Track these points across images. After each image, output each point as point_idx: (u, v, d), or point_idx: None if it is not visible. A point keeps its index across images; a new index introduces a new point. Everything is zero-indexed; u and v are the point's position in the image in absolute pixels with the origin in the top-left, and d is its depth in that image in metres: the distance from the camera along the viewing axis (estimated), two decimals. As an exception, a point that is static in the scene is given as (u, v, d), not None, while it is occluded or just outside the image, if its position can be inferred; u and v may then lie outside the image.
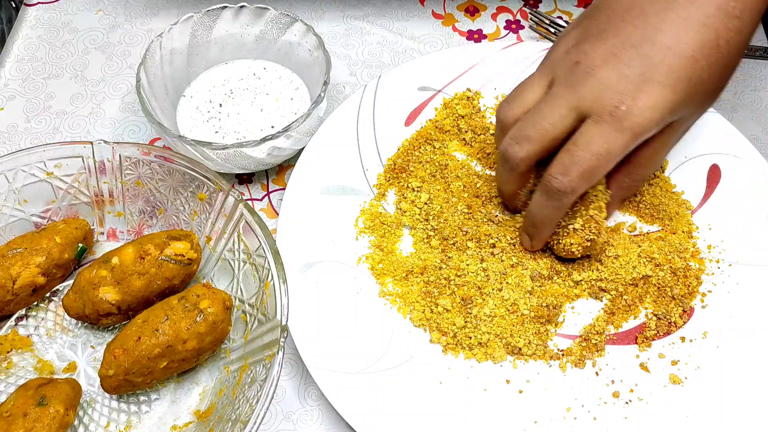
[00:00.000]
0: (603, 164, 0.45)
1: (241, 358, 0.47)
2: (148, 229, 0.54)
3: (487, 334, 0.49)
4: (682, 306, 0.50)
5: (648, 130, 0.44)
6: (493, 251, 0.52)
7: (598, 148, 0.44)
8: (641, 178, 0.51)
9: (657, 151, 0.48)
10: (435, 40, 0.68)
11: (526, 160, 0.47)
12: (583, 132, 0.45)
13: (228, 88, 0.61)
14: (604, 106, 0.44)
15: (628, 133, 0.44)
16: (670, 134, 0.47)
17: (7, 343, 0.50)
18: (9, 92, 0.65)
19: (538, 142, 0.46)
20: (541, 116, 0.46)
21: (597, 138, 0.44)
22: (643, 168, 0.50)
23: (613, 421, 0.47)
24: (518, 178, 0.50)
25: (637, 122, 0.44)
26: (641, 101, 0.43)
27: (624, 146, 0.44)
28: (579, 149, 0.45)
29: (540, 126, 0.46)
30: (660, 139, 0.47)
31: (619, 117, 0.43)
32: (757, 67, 0.65)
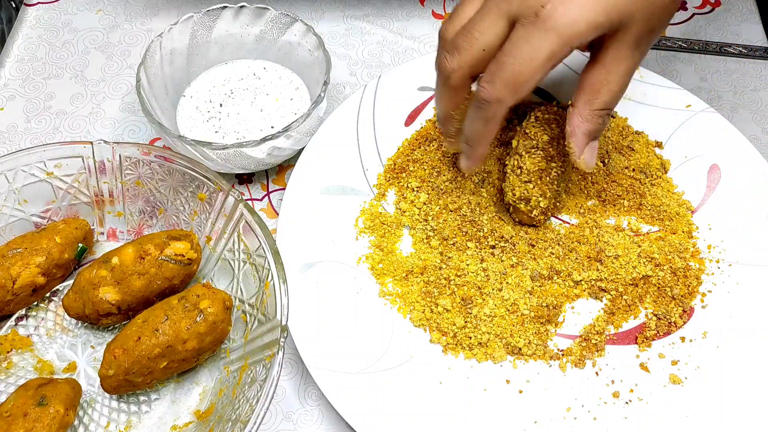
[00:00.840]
0: (529, 71, 0.42)
1: (241, 358, 0.47)
2: (148, 229, 0.54)
3: (487, 334, 0.49)
4: (682, 306, 0.50)
5: (577, 33, 0.41)
6: (493, 251, 0.52)
7: (522, 52, 0.42)
8: (602, 106, 0.45)
9: (609, 69, 0.44)
10: (435, 40, 0.68)
11: (458, 71, 0.45)
12: (511, 38, 0.42)
13: (228, 88, 0.61)
14: (529, 7, 0.41)
15: (553, 35, 0.41)
16: (617, 47, 0.44)
17: (7, 343, 0.50)
18: (9, 92, 0.65)
19: (467, 52, 0.44)
20: (471, 25, 0.44)
21: (521, 41, 0.42)
22: (600, 94, 0.45)
23: (613, 421, 0.47)
24: (452, 93, 0.47)
25: (561, 22, 0.41)
26: (568, 1, 0.41)
27: (550, 50, 0.41)
28: (503, 55, 0.42)
29: (468, 35, 0.44)
30: (608, 54, 0.44)
31: (543, 17, 0.41)
32: (757, 67, 0.65)
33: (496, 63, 0.43)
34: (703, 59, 0.65)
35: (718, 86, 0.64)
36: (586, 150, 0.47)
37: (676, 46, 0.66)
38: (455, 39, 0.45)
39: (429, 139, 0.58)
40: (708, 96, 0.63)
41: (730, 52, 0.65)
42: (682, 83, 0.61)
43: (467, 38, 0.44)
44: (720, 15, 0.68)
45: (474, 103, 0.45)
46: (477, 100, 0.44)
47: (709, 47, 0.66)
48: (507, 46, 0.43)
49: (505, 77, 0.43)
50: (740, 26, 0.67)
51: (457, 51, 0.45)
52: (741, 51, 0.64)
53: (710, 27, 0.67)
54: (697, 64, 0.65)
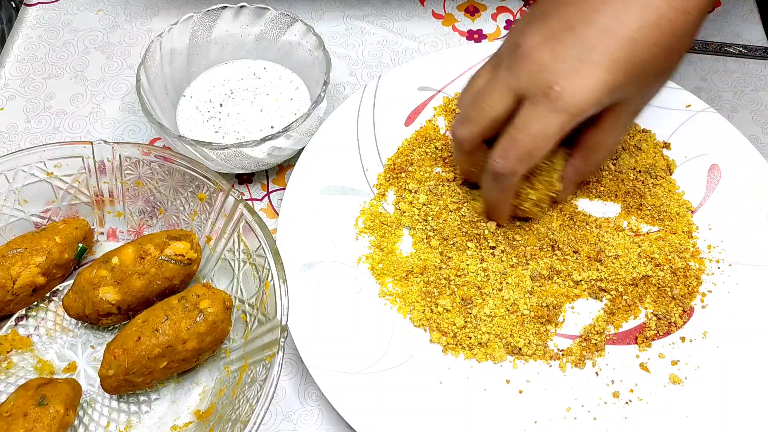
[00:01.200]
0: (539, 145, 0.45)
1: (241, 358, 0.47)
2: (148, 229, 0.54)
3: (487, 334, 0.49)
4: (682, 306, 0.50)
5: (583, 111, 0.44)
6: (493, 251, 0.52)
7: (534, 130, 0.44)
8: (596, 162, 0.51)
9: (607, 135, 0.48)
10: (435, 40, 0.68)
11: (469, 140, 0.48)
12: (520, 114, 0.45)
13: (228, 88, 0.61)
14: (539, 87, 0.44)
15: (563, 114, 0.44)
16: (616, 116, 0.47)
17: (7, 343, 0.50)
18: (9, 92, 0.65)
19: (477, 123, 0.47)
20: (481, 97, 0.47)
21: (532, 119, 0.44)
22: (597, 153, 0.50)
23: (613, 421, 0.47)
24: (467, 157, 0.51)
25: (570, 103, 0.43)
26: (576, 82, 0.43)
27: (559, 127, 0.44)
28: (515, 131, 0.45)
29: (479, 108, 0.47)
30: (607, 122, 0.47)
31: (552, 98, 0.43)
32: (757, 67, 0.65)
33: (509, 139, 0.45)
34: (703, 59, 0.65)
35: (718, 86, 0.64)
36: (569, 190, 0.53)
37: (676, 46, 0.65)
38: (467, 110, 0.48)
39: (429, 139, 0.58)
40: (708, 96, 0.63)
41: (730, 52, 0.65)
42: (682, 83, 0.61)
43: (477, 111, 0.47)
44: (720, 15, 0.68)
45: (489, 174, 0.48)
46: (492, 173, 0.47)
47: (709, 47, 0.66)
48: (518, 122, 0.45)
49: (518, 153, 0.45)
50: (740, 26, 0.67)
51: (468, 122, 0.48)
52: (741, 51, 0.64)
53: (710, 27, 0.67)
54: (697, 64, 0.65)
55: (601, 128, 0.48)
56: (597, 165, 0.52)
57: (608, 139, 0.49)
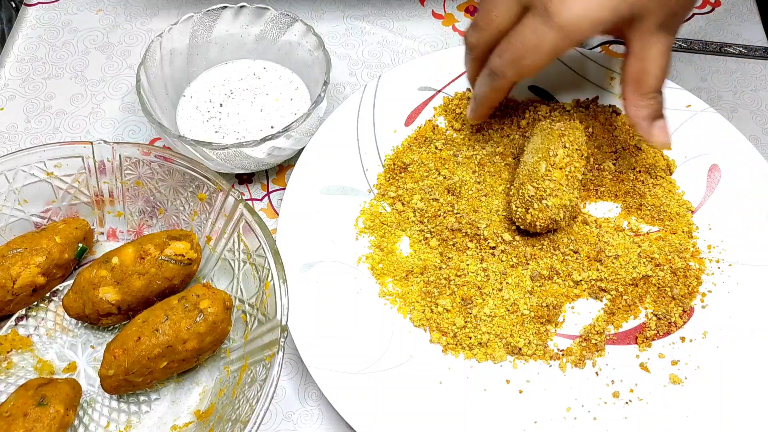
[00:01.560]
0: (532, 57, 0.46)
1: (241, 358, 0.47)
2: (148, 229, 0.54)
3: (487, 334, 0.49)
4: (682, 306, 0.50)
5: (580, 30, 0.44)
6: (493, 251, 0.52)
7: (528, 41, 0.45)
8: (649, 90, 0.48)
9: (643, 58, 0.47)
10: (435, 40, 0.68)
11: (478, 47, 0.50)
12: (522, 22, 0.46)
13: (228, 88, 0.61)
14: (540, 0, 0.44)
15: (557, 30, 0.44)
16: (641, 35, 0.46)
17: (7, 343, 0.50)
18: (9, 92, 0.65)
19: (486, 31, 0.49)
20: (491, 6, 0.48)
21: (528, 29, 0.45)
22: (643, 81, 0.48)
23: (613, 421, 0.47)
24: (474, 64, 0.52)
25: (566, 19, 0.44)
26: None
27: (552, 43, 0.45)
28: (513, 37, 0.46)
29: (488, 16, 0.48)
30: (636, 45, 0.47)
31: (550, 12, 0.44)
32: (757, 67, 0.65)
33: (507, 41, 0.47)
34: (703, 59, 0.65)
35: (718, 86, 0.64)
36: (654, 131, 0.49)
37: (676, 46, 0.66)
38: (476, 18, 0.50)
39: (429, 139, 0.58)
40: (708, 96, 0.63)
41: (730, 52, 0.65)
42: (682, 83, 0.61)
43: (486, 18, 0.49)
44: (720, 15, 0.68)
45: (485, 69, 0.50)
46: (487, 67, 0.49)
47: (709, 47, 0.66)
48: (518, 28, 0.46)
49: (511, 57, 0.47)
50: (740, 26, 0.67)
51: (477, 29, 0.50)
52: (741, 51, 0.64)
53: (710, 27, 0.67)
54: (697, 64, 0.65)
55: (632, 53, 0.47)
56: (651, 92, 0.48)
57: (645, 63, 0.47)
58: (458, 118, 0.59)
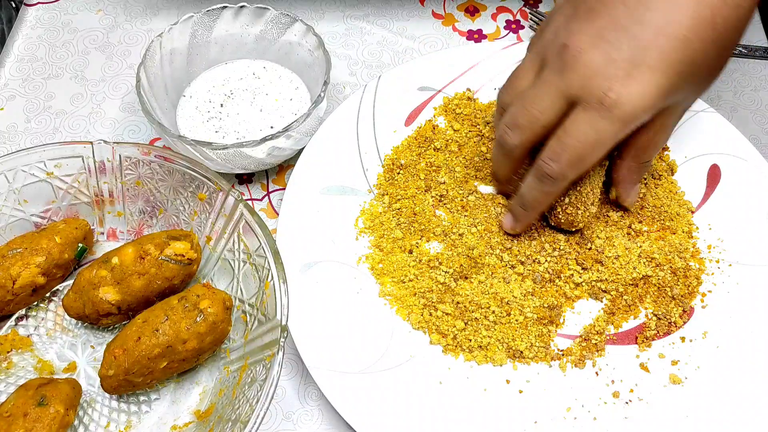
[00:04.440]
0: (592, 152, 0.44)
1: (241, 358, 0.47)
2: (148, 229, 0.54)
3: (488, 338, 0.49)
4: (682, 306, 0.50)
5: (638, 118, 0.43)
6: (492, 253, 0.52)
7: (587, 137, 0.44)
8: (646, 160, 0.49)
9: (656, 134, 0.47)
10: (435, 40, 0.68)
11: (520, 147, 0.48)
12: (573, 119, 0.44)
13: (228, 88, 0.61)
14: (592, 93, 0.43)
15: (618, 122, 0.43)
16: (667, 117, 0.46)
17: (7, 343, 0.50)
18: (9, 92, 0.65)
19: (529, 130, 0.46)
20: (530, 103, 0.46)
21: (585, 126, 0.43)
22: (647, 151, 0.49)
23: (613, 421, 0.47)
24: (513, 164, 0.50)
25: (626, 110, 0.42)
26: (631, 88, 0.42)
27: (614, 135, 0.43)
28: (568, 136, 0.44)
29: (530, 114, 0.46)
30: (658, 122, 0.46)
31: (608, 105, 0.42)
32: (757, 67, 0.65)
33: (561, 144, 0.45)
34: (703, 59, 0.65)
35: (718, 86, 0.63)
36: (632, 193, 0.52)
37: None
38: (516, 115, 0.47)
39: (429, 139, 0.58)
40: (708, 96, 0.63)
41: (730, 52, 0.65)
42: (682, 83, 0.61)
43: (527, 116, 0.46)
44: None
45: (536, 174, 0.47)
46: (540, 174, 0.46)
47: (709, 47, 0.65)
48: (570, 128, 0.44)
49: (570, 158, 0.45)
50: (740, 26, 0.67)
51: (518, 129, 0.47)
52: (741, 51, 0.64)
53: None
54: (697, 64, 0.65)
55: (652, 129, 0.46)
56: (649, 162, 0.50)
57: (657, 138, 0.47)
58: (458, 118, 0.59)
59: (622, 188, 0.51)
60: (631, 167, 0.50)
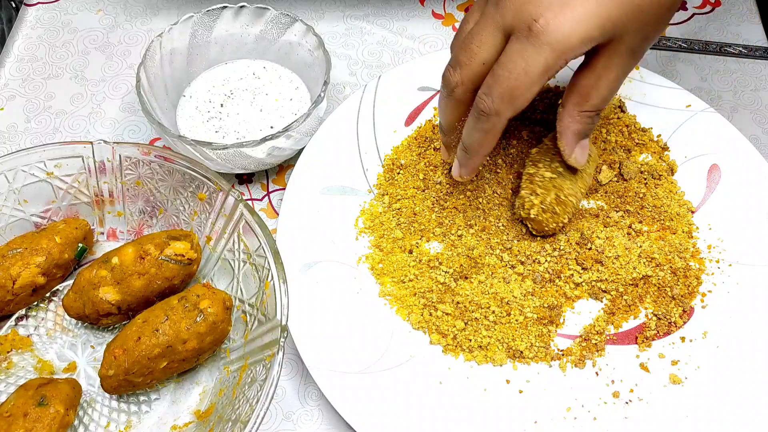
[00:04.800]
0: (525, 84, 0.42)
1: (241, 358, 0.47)
2: (148, 229, 0.54)
3: (488, 338, 0.49)
4: (682, 306, 0.50)
5: (571, 47, 0.41)
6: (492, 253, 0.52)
7: (517, 67, 0.42)
8: (591, 108, 0.46)
9: (599, 78, 0.44)
10: (435, 40, 0.68)
11: (461, 86, 0.45)
12: (506, 51, 0.42)
13: (228, 88, 0.61)
14: (523, 20, 0.41)
15: (547, 49, 0.41)
16: (609, 57, 0.44)
17: (7, 343, 0.50)
18: (9, 92, 0.65)
19: (467, 66, 0.45)
20: (470, 39, 0.44)
21: (516, 56, 0.42)
22: (590, 97, 0.45)
23: (613, 421, 0.47)
24: (456, 106, 0.47)
25: (555, 37, 0.41)
26: (562, 14, 0.40)
27: (544, 64, 0.41)
28: (499, 68, 0.43)
29: (469, 49, 0.44)
30: (600, 63, 0.44)
31: (536, 32, 0.41)
32: (757, 67, 0.65)
33: (493, 76, 0.43)
34: (703, 59, 0.65)
35: (718, 86, 0.64)
36: (576, 148, 0.48)
37: (676, 46, 0.66)
38: (456, 53, 0.46)
39: (429, 139, 0.58)
40: (708, 96, 0.63)
41: (730, 52, 0.65)
42: (682, 83, 0.61)
43: (467, 52, 0.44)
44: (720, 15, 0.68)
45: (473, 113, 0.45)
46: (476, 111, 0.45)
47: (709, 47, 0.66)
48: (502, 59, 0.43)
49: (501, 90, 0.43)
50: (740, 26, 0.67)
51: (459, 66, 0.45)
52: (741, 51, 0.64)
53: (710, 27, 0.67)
54: (697, 64, 0.65)
55: (593, 68, 0.44)
56: (595, 112, 0.47)
57: (600, 81, 0.45)
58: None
59: (565, 141, 0.48)
60: (572, 115, 0.46)
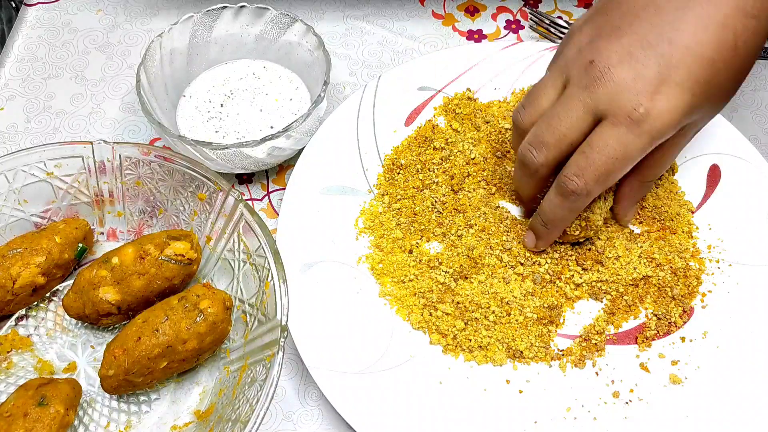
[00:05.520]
0: (619, 167, 0.44)
1: (241, 358, 0.47)
2: (148, 229, 0.54)
3: (488, 337, 0.49)
4: (682, 306, 0.50)
5: (665, 134, 0.43)
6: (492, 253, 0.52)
7: (614, 152, 0.43)
8: (651, 179, 0.50)
9: (667, 153, 0.47)
10: (435, 40, 0.68)
11: (545, 166, 0.47)
12: (600, 134, 0.44)
13: (228, 88, 0.61)
14: (620, 107, 0.43)
15: (646, 137, 0.43)
16: (681, 136, 0.46)
17: (7, 343, 0.50)
18: (9, 92, 0.65)
19: (555, 147, 0.46)
20: (557, 120, 0.45)
21: (613, 141, 0.43)
22: (653, 169, 0.49)
23: (613, 421, 0.47)
24: (537, 183, 0.49)
25: (654, 125, 0.43)
26: (659, 103, 0.42)
27: (641, 149, 0.43)
28: (595, 152, 0.44)
29: (557, 131, 0.45)
30: (671, 141, 0.46)
31: (636, 119, 0.42)
32: (757, 67, 0.64)
33: (587, 159, 0.44)
34: (703, 59, 0.65)
35: (718, 86, 0.63)
36: (630, 213, 0.52)
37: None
38: (540, 133, 0.46)
39: (429, 139, 0.58)
40: (708, 96, 0.63)
41: (730, 52, 0.65)
42: (682, 83, 0.61)
43: (553, 134, 0.45)
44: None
45: (559, 191, 0.46)
46: (564, 191, 0.46)
47: (709, 47, 0.66)
48: (597, 143, 0.44)
49: (596, 174, 0.44)
50: (740, 26, 0.67)
51: (545, 147, 0.46)
52: (741, 51, 0.64)
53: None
54: (697, 64, 0.65)
55: (663, 148, 0.46)
56: (653, 182, 0.51)
57: (666, 158, 0.48)
58: (458, 118, 0.59)
59: (622, 207, 0.51)
60: (633, 186, 0.50)
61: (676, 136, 0.46)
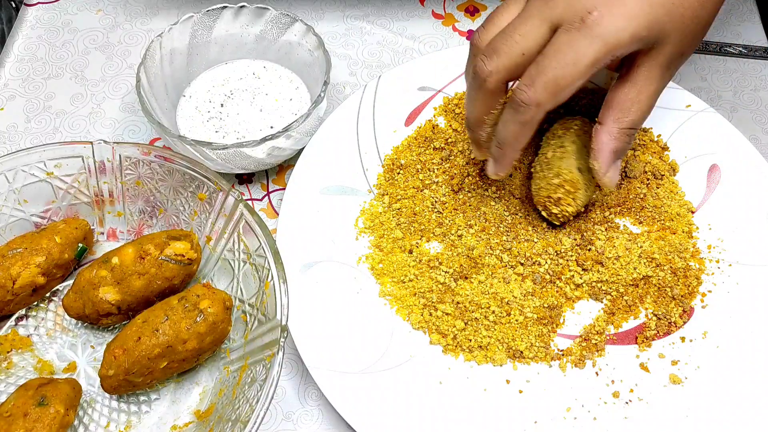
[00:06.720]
0: (571, 75, 0.42)
1: (241, 358, 0.47)
2: (148, 229, 0.54)
3: (488, 338, 0.49)
4: (682, 306, 0.50)
5: (621, 42, 0.42)
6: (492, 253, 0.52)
7: (566, 57, 0.42)
8: (631, 125, 0.46)
9: (641, 90, 0.45)
10: (435, 40, 0.68)
11: (495, 74, 0.44)
12: (553, 41, 0.42)
13: (228, 88, 0.61)
14: (575, 13, 0.42)
15: (598, 41, 0.41)
16: (651, 64, 0.44)
17: (7, 343, 0.50)
18: (9, 92, 0.65)
19: (506, 55, 0.44)
20: (511, 29, 0.44)
21: (564, 46, 0.42)
22: (630, 113, 0.45)
23: (613, 421, 0.47)
24: (486, 98, 0.46)
25: (608, 29, 0.41)
26: (615, 8, 0.41)
27: (594, 56, 0.41)
28: (546, 58, 0.42)
29: (509, 38, 0.43)
30: (641, 71, 0.44)
31: (589, 24, 0.41)
32: (757, 67, 0.65)
33: (537, 66, 0.43)
34: (703, 59, 0.65)
35: (718, 86, 0.63)
36: (611, 169, 0.47)
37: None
38: (494, 42, 0.44)
39: (429, 139, 0.58)
40: (708, 96, 0.63)
41: (730, 52, 0.65)
42: (682, 83, 0.61)
43: (507, 41, 0.44)
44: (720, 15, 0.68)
45: (511, 105, 0.44)
46: (515, 103, 0.44)
47: (709, 47, 0.66)
48: (549, 49, 0.42)
49: (546, 81, 0.42)
50: (740, 26, 0.67)
51: (495, 54, 0.44)
52: (741, 51, 0.64)
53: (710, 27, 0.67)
54: (697, 64, 0.65)
55: (634, 80, 0.44)
56: (633, 129, 0.46)
57: (641, 95, 0.45)
58: (458, 118, 0.59)
59: (601, 160, 0.46)
60: (612, 132, 0.46)
61: (645, 64, 0.44)
